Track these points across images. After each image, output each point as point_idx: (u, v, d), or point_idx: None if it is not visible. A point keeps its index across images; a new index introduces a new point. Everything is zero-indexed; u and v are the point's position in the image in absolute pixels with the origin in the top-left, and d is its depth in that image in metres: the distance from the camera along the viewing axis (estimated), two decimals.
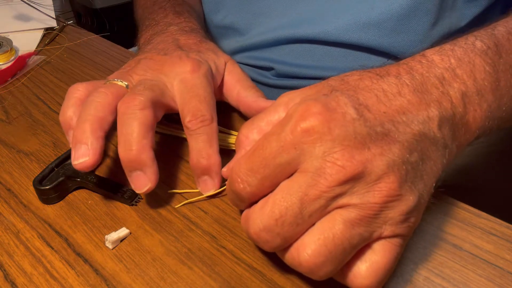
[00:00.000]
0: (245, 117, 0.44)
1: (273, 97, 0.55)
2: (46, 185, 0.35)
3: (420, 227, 0.31)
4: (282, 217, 0.24)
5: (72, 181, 0.36)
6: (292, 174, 0.25)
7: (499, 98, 0.30)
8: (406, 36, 0.46)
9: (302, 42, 0.50)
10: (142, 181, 0.32)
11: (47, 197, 0.35)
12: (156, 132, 0.42)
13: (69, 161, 0.37)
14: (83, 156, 0.31)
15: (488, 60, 0.30)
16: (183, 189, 0.37)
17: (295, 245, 0.24)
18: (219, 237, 0.32)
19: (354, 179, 0.23)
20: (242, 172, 0.26)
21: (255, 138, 0.29)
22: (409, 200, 0.24)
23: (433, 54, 0.30)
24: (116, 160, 0.39)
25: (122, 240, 0.33)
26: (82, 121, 0.32)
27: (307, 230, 0.24)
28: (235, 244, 0.32)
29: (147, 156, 0.32)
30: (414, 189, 0.25)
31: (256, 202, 0.26)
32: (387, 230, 0.24)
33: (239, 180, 0.26)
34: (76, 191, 0.37)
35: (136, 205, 0.35)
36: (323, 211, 0.24)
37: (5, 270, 0.31)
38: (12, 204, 0.36)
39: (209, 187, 0.34)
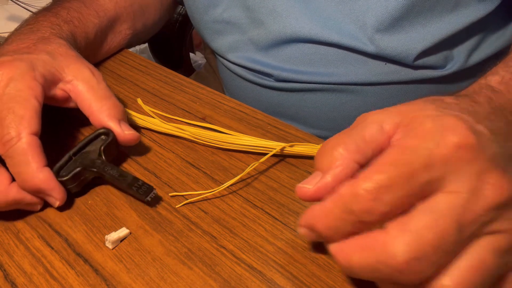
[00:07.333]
0: (242, 116, 0.44)
1: (275, 99, 0.55)
2: (63, 176, 0.34)
3: None
4: (439, 242, 0.21)
5: (88, 172, 0.35)
6: (426, 195, 0.22)
7: None
8: (402, 39, 0.46)
9: (298, 42, 0.49)
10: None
11: (66, 187, 0.35)
12: (157, 132, 0.42)
13: (86, 149, 0.37)
14: None
15: None
16: (184, 190, 0.36)
17: (441, 276, 0.22)
18: (219, 237, 0.32)
19: (507, 203, 0.21)
20: (374, 188, 0.22)
21: (355, 158, 0.24)
22: None
23: (498, 85, 0.29)
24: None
25: (122, 240, 0.33)
26: None
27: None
28: (235, 244, 0.32)
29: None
30: None
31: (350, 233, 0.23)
32: None
33: (369, 197, 0.22)
34: (78, 191, 0.37)
35: (150, 200, 0.34)
36: (473, 237, 0.22)
37: (5, 270, 0.31)
38: None
39: (54, 202, 0.34)
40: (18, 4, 0.69)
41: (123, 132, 0.37)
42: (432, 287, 0.22)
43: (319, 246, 0.31)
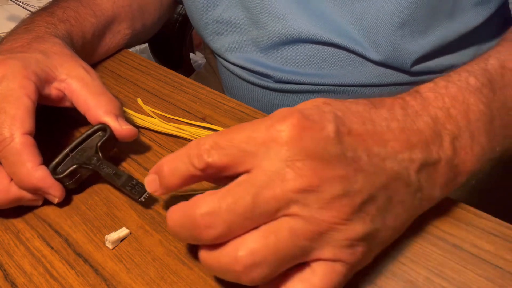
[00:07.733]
0: (242, 116, 0.44)
1: (274, 100, 0.55)
2: (60, 174, 0.34)
3: (420, 227, 0.31)
4: (234, 204, 0.23)
5: (84, 169, 0.35)
6: (248, 170, 0.25)
7: (492, 138, 0.30)
8: (399, 44, 0.46)
9: (297, 42, 0.49)
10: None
11: (63, 185, 0.35)
12: (157, 132, 0.42)
13: (83, 146, 0.36)
14: None
15: (482, 99, 0.30)
16: (184, 190, 0.36)
17: (235, 241, 0.24)
18: None
19: (308, 191, 0.23)
20: (208, 144, 0.25)
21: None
22: (358, 229, 0.24)
23: (427, 91, 0.30)
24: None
25: (122, 240, 0.33)
26: None
27: (249, 230, 0.24)
28: None
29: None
30: (368, 222, 0.25)
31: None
32: (329, 251, 0.24)
33: (202, 148, 0.25)
34: (77, 191, 0.37)
35: (143, 201, 0.33)
36: (272, 214, 0.24)
37: (5, 270, 0.31)
38: None
39: (52, 199, 0.34)
40: (18, 4, 0.69)
41: (121, 127, 0.37)
42: (230, 256, 0.24)
43: None
